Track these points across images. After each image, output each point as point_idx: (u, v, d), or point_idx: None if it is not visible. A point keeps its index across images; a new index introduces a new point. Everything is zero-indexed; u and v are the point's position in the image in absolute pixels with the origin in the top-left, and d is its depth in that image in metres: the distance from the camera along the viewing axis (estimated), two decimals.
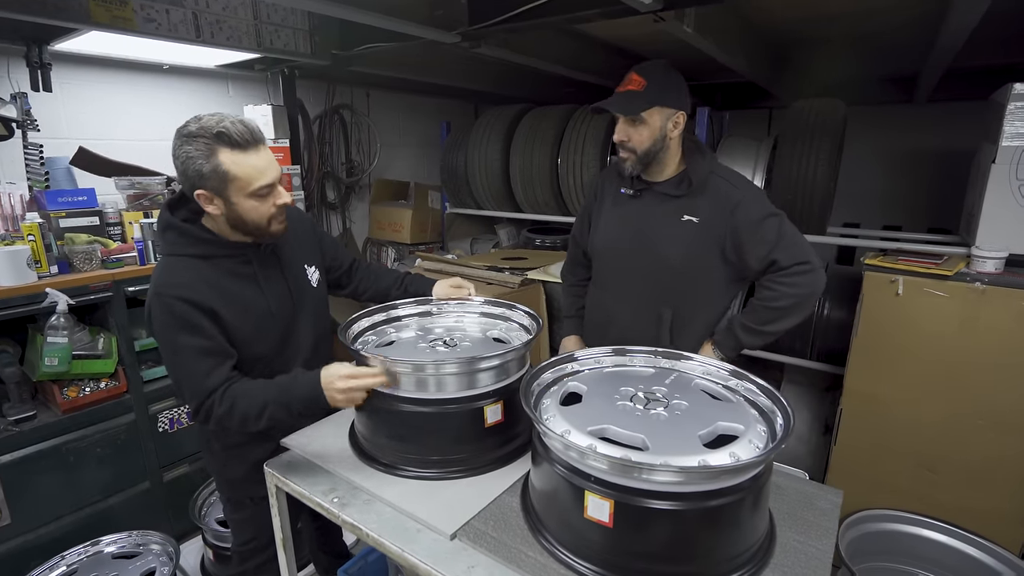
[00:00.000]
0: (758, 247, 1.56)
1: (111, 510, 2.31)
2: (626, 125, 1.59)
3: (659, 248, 1.65)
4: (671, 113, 1.56)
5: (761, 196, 1.62)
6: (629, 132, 1.58)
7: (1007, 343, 1.98)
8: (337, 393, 1.26)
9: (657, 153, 1.60)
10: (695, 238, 1.61)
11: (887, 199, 4.14)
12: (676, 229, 1.63)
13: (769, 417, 1.11)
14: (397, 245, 3.93)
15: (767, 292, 1.59)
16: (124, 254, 2.30)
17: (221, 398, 1.27)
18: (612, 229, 1.77)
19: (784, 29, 2.59)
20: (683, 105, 1.58)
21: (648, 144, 1.58)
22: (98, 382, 2.26)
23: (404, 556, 1.07)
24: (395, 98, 4.11)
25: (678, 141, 1.63)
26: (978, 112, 2.68)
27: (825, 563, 1.04)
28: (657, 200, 1.67)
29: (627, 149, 1.61)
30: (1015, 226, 2.13)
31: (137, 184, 2.50)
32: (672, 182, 1.65)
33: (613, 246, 1.76)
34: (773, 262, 1.56)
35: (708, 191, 1.60)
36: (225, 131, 1.24)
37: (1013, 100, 2.08)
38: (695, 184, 1.60)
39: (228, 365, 1.32)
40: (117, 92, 2.67)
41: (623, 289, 1.75)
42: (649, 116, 1.55)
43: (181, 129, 1.27)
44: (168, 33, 1.99)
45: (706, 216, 1.60)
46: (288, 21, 2.35)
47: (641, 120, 1.55)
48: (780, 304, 1.57)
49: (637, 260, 1.70)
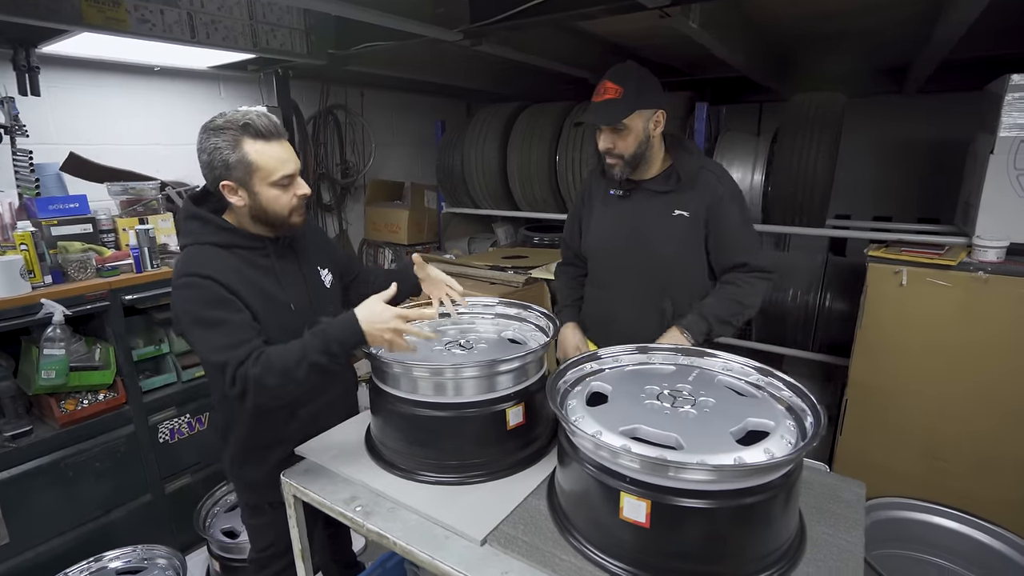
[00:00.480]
0: (731, 245, 1.65)
1: (113, 525, 2.25)
2: (610, 134, 1.61)
3: (654, 244, 1.69)
4: (651, 113, 1.59)
5: (740, 195, 1.69)
6: (614, 140, 1.61)
7: (1011, 331, 2.00)
8: (387, 332, 1.24)
9: (643, 154, 1.63)
10: (687, 231, 1.65)
11: (876, 190, 4.19)
12: (669, 224, 1.66)
13: (796, 412, 1.11)
14: (394, 246, 3.90)
15: (737, 288, 1.65)
16: (119, 262, 2.24)
17: (255, 361, 1.23)
18: (606, 229, 1.79)
19: (782, 25, 2.60)
20: (661, 103, 1.61)
21: (634, 148, 1.61)
22: (96, 394, 2.20)
23: (435, 564, 1.05)
24: (388, 97, 4.07)
25: (660, 138, 1.67)
26: (971, 103, 2.71)
27: (857, 555, 1.04)
28: (647, 197, 1.70)
29: (614, 156, 1.64)
30: (1014, 215, 2.16)
31: (130, 190, 2.44)
32: (660, 179, 1.68)
33: (608, 246, 1.79)
34: (744, 264, 1.65)
35: (697, 185, 1.64)
36: (251, 122, 1.28)
37: (1011, 91, 2.11)
38: (684, 179, 1.64)
39: (259, 339, 1.30)
40: (107, 95, 2.61)
41: (622, 287, 1.77)
42: (631, 121, 1.57)
43: (207, 124, 1.31)
44: (163, 34, 1.95)
45: (695, 209, 1.64)
46: (284, 20, 2.31)
47: (624, 127, 1.58)
48: (748, 302, 1.65)
49: (633, 257, 1.73)
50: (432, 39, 2.20)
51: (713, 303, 1.65)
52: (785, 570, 0.99)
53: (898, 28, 2.54)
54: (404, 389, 1.29)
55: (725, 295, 1.66)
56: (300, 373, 1.22)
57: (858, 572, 0.99)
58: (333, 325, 1.26)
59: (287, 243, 1.49)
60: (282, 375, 1.22)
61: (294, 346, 1.25)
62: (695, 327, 1.63)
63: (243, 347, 1.25)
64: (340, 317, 1.27)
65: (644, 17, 1.96)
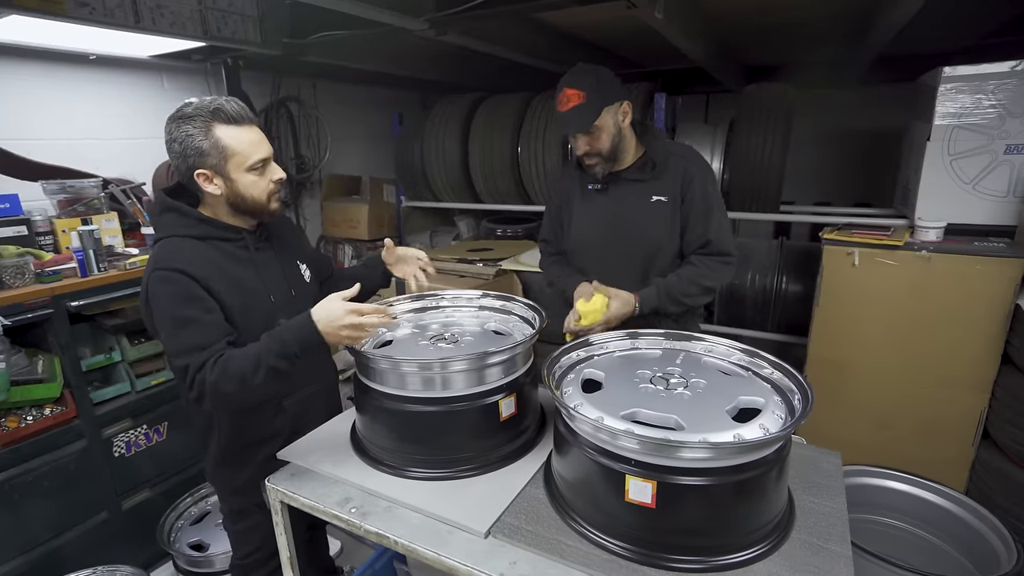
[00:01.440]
0: (698, 226, 1.68)
1: (67, 547, 2.10)
2: (584, 137, 1.63)
3: (637, 232, 1.72)
4: (617, 107, 1.62)
5: (711, 175, 1.72)
6: (589, 142, 1.64)
7: (949, 304, 2.17)
8: (343, 329, 1.20)
9: (619, 146, 1.67)
10: (666, 215, 1.69)
11: (818, 176, 4.43)
12: (649, 211, 1.70)
13: (781, 389, 1.16)
14: (354, 242, 3.79)
15: (696, 269, 1.69)
16: (62, 265, 2.08)
17: (212, 366, 1.21)
18: (587, 223, 1.81)
19: (730, 18, 2.69)
20: (622, 94, 1.63)
21: (610, 144, 1.64)
22: (41, 409, 2.04)
23: (441, 560, 1.04)
24: (342, 89, 3.94)
25: (630, 128, 1.70)
26: (901, 95, 2.90)
27: (843, 519, 1.10)
28: (625, 187, 1.72)
29: (593, 157, 1.67)
30: (949, 198, 2.33)
31: (69, 188, 2.26)
32: (635, 167, 1.71)
33: (591, 237, 1.81)
34: (707, 242, 1.68)
35: (669, 169, 1.69)
36: (221, 107, 1.28)
37: (944, 82, 2.27)
38: (658, 165, 1.68)
39: (224, 342, 1.26)
40: (35, 86, 2.40)
41: (609, 277, 1.76)
42: (601, 121, 1.59)
43: (174, 114, 1.28)
44: (104, 19, 1.80)
45: (671, 193, 1.68)
46: (235, 7, 2.18)
47: (596, 128, 1.60)
48: (706, 284, 1.68)
49: (616, 247, 1.76)
50: (394, 28, 2.14)
51: (672, 280, 1.69)
52: (780, 538, 1.04)
53: (833, 23, 2.67)
54: (393, 385, 1.26)
55: (683, 274, 1.69)
56: (258, 378, 1.20)
57: (845, 535, 1.06)
58: (290, 328, 1.23)
59: (265, 235, 1.47)
60: (239, 381, 1.20)
61: (251, 351, 1.22)
62: (647, 299, 1.67)
63: (207, 350, 1.22)
64: (296, 319, 1.24)
65: (609, 9, 1.98)
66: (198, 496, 2.43)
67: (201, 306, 1.27)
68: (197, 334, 1.24)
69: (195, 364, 1.21)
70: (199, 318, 1.26)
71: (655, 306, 1.67)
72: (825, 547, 1.03)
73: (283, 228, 1.58)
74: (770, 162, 2.61)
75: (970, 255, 2.13)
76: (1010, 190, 2.25)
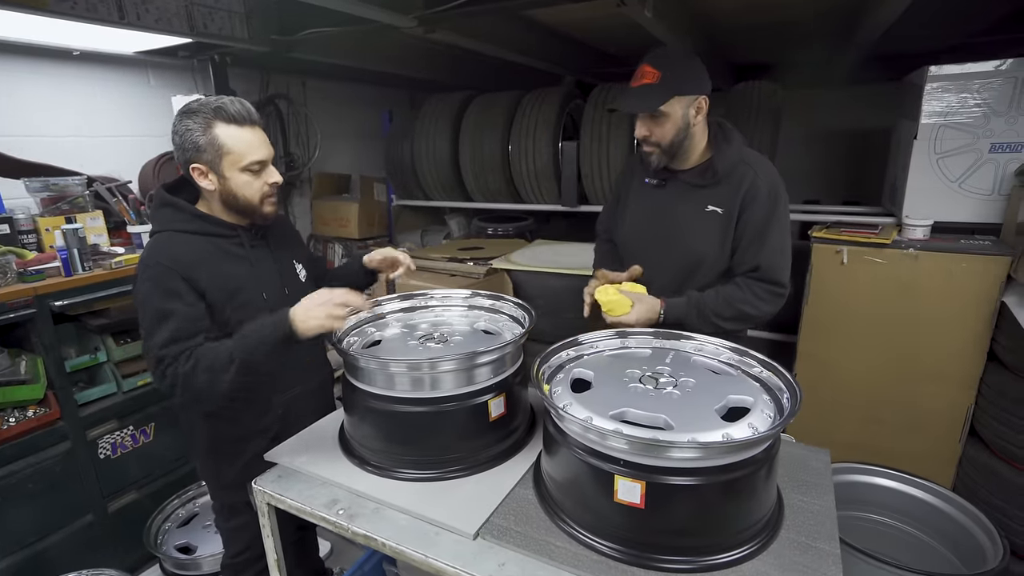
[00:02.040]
0: (751, 247, 1.52)
1: (51, 550, 2.07)
2: (646, 121, 1.51)
3: (685, 240, 1.59)
4: (692, 100, 1.48)
5: (781, 195, 1.54)
6: (650, 127, 1.51)
7: (938, 302, 2.19)
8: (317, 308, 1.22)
9: (682, 143, 1.53)
10: (719, 229, 1.55)
11: (806, 175, 4.45)
12: (700, 221, 1.56)
13: (770, 388, 1.16)
14: (344, 241, 3.77)
15: (738, 292, 1.54)
16: (45, 265, 2.05)
17: (186, 359, 1.24)
18: (637, 219, 1.71)
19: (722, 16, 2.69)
20: (703, 89, 1.50)
21: (672, 136, 1.50)
22: (24, 410, 2.01)
23: (429, 562, 1.03)
24: (331, 87, 3.91)
25: (703, 126, 1.56)
26: (888, 93, 2.92)
27: (831, 518, 1.11)
28: (681, 190, 1.60)
29: (651, 144, 1.54)
30: (936, 196, 2.35)
31: (52, 186, 2.23)
32: (697, 171, 1.58)
33: (638, 237, 1.70)
34: (756, 267, 1.52)
35: (733, 179, 1.53)
36: (223, 106, 1.31)
37: (930, 81, 2.28)
38: (721, 173, 1.53)
39: (201, 337, 1.29)
40: (18, 82, 2.36)
41: (648, 279, 1.65)
42: (669, 108, 1.46)
43: (182, 108, 1.33)
44: (86, 14, 1.77)
45: (728, 205, 1.53)
46: (222, 2, 2.16)
47: (661, 114, 1.47)
48: (744, 309, 1.52)
49: (662, 251, 1.64)
50: (384, 25, 2.12)
51: (708, 296, 1.54)
52: (769, 537, 1.04)
53: (821, 21, 2.68)
54: (381, 386, 1.25)
55: (722, 292, 1.54)
56: (230, 373, 1.22)
57: (833, 533, 1.06)
58: (264, 321, 1.25)
59: (261, 233, 1.49)
60: (210, 373, 1.23)
61: (224, 345, 1.25)
62: (673, 309, 1.54)
63: (181, 343, 1.26)
64: (275, 313, 1.26)
65: (598, 6, 1.98)
66: (185, 498, 2.41)
67: (180, 300, 1.30)
68: (174, 327, 1.27)
69: (170, 356, 1.24)
70: (177, 311, 1.28)
71: (681, 318, 1.53)
72: (814, 545, 1.03)
73: (282, 227, 1.60)
74: None
75: (956, 253, 2.15)
76: (995, 188, 2.27)
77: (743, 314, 1.53)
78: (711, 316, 1.53)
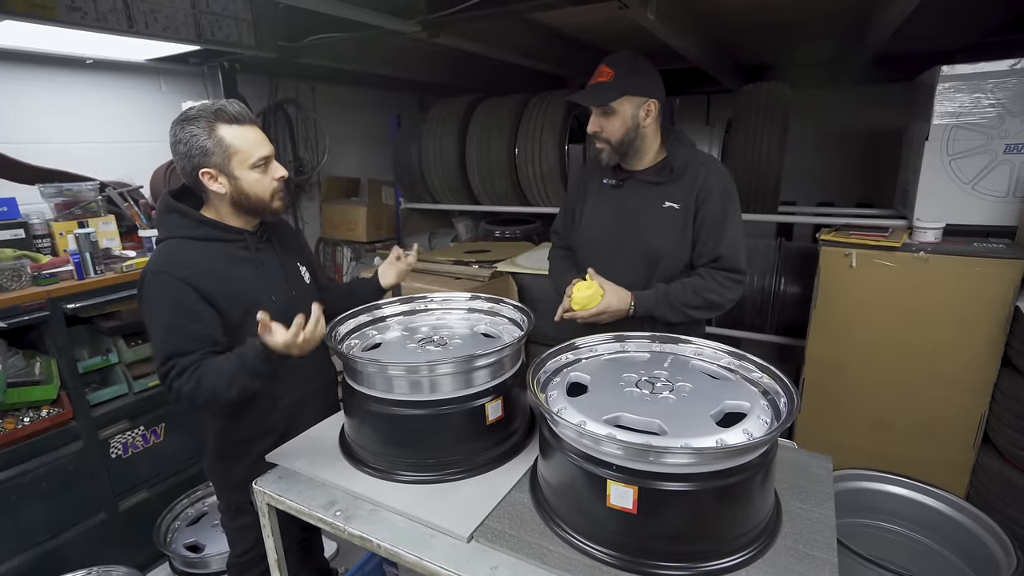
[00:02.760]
0: (710, 240, 1.62)
1: (64, 547, 2.11)
2: (599, 116, 1.61)
3: (644, 236, 1.67)
4: (641, 101, 1.58)
5: (732, 190, 1.65)
6: (602, 123, 1.61)
7: (949, 306, 2.15)
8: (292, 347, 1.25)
9: (632, 142, 1.62)
10: (676, 224, 1.64)
11: (819, 177, 4.39)
12: (658, 216, 1.65)
13: (769, 393, 1.15)
14: (353, 244, 3.80)
15: (702, 282, 1.62)
16: (58, 268, 2.09)
17: (189, 376, 1.29)
18: (596, 219, 1.78)
19: (729, 17, 2.68)
20: (653, 93, 1.60)
21: (621, 133, 1.60)
22: (38, 411, 2.06)
23: (423, 564, 1.04)
24: (339, 92, 3.95)
25: (654, 129, 1.65)
26: (902, 94, 2.87)
27: (830, 526, 1.09)
28: (639, 188, 1.69)
29: (601, 140, 1.64)
30: (948, 198, 2.31)
31: (66, 191, 2.29)
32: (653, 170, 1.68)
33: (598, 235, 1.77)
34: (718, 257, 1.62)
35: (687, 177, 1.63)
36: (223, 108, 1.34)
37: (942, 81, 2.24)
38: (676, 170, 1.63)
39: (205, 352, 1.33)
40: (34, 90, 2.42)
41: (611, 278, 1.69)
42: (619, 106, 1.57)
43: (178, 118, 1.34)
44: (96, 23, 1.81)
45: (684, 201, 1.63)
46: (229, 10, 2.19)
47: (612, 110, 1.57)
48: (711, 298, 1.61)
49: (622, 248, 1.71)
50: (388, 30, 2.14)
51: (675, 287, 1.63)
52: (765, 544, 1.03)
53: (836, 23, 2.65)
54: (381, 389, 1.26)
55: (688, 283, 1.64)
56: (230, 394, 1.28)
57: (832, 542, 1.04)
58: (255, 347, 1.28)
59: (266, 236, 1.52)
60: (211, 393, 1.28)
61: (225, 367, 1.28)
62: (643, 301, 1.61)
63: (186, 357, 1.30)
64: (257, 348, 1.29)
65: (601, 9, 1.97)
66: (195, 498, 2.45)
67: (189, 315, 1.32)
68: (180, 342, 1.30)
69: (176, 370, 1.28)
70: (185, 327, 1.31)
71: (651, 310, 1.61)
72: (811, 554, 1.01)
73: (283, 230, 1.63)
74: (767, 162, 2.60)
75: (969, 256, 2.11)
76: (1010, 190, 2.22)
77: (710, 302, 1.62)
78: (681, 306, 1.61)
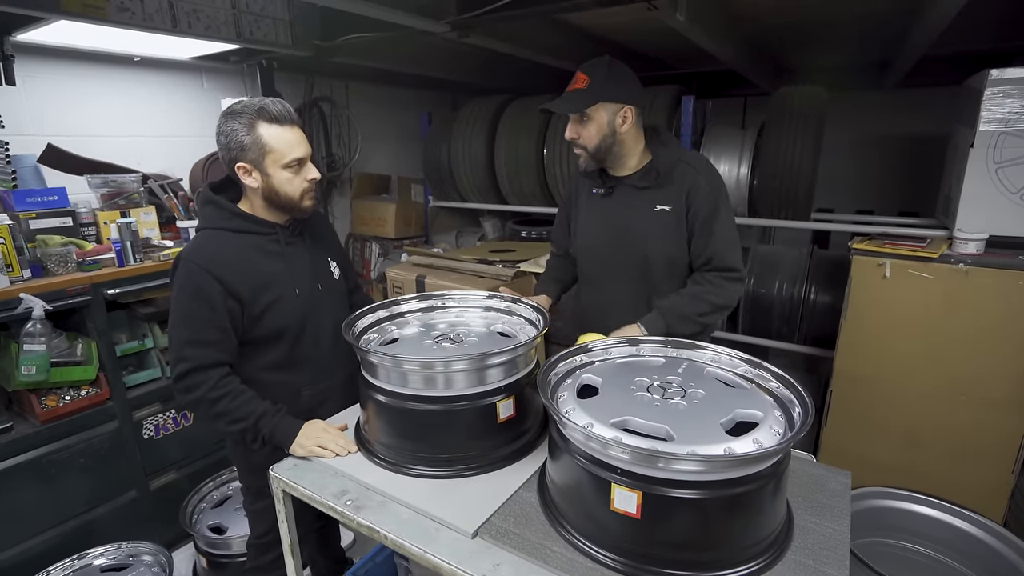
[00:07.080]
0: (701, 240, 1.61)
1: (96, 522, 2.22)
2: (575, 123, 1.60)
3: (638, 240, 1.67)
4: (617, 108, 1.56)
5: (720, 188, 1.64)
6: (578, 129, 1.60)
7: (989, 321, 2.05)
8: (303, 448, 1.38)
9: (610, 148, 1.60)
10: (670, 226, 1.63)
11: (858, 184, 4.24)
12: (651, 219, 1.65)
13: (785, 403, 1.12)
14: (381, 240, 3.87)
15: (700, 287, 1.62)
16: (101, 255, 2.20)
17: (216, 383, 1.38)
18: (591, 228, 1.78)
19: (765, 19, 2.62)
20: (630, 99, 1.57)
21: (597, 140, 1.59)
22: (78, 390, 2.17)
23: (427, 557, 1.05)
24: (373, 90, 4.02)
25: (633, 134, 1.62)
26: (950, 98, 2.75)
27: (844, 543, 1.06)
28: (628, 194, 1.68)
29: (578, 146, 1.64)
30: (993, 208, 2.20)
31: (111, 182, 2.40)
32: (639, 174, 1.66)
33: (594, 244, 1.78)
34: (709, 259, 1.62)
35: (675, 178, 1.62)
36: (266, 107, 1.39)
37: (990, 85, 2.14)
38: (663, 174, 1.62)
39: (228, 351, 1.42)
40: (85, 86, 2.55)
41: (612, 284, 1.76)
42: (594, 112, 1.55)
43: (226, 110, 1.41)
44: (143, 23, 1.90)
45: (675, 203, 1.62)
46: (267, 11, 2.27)
47: (588, 117, 1.56)
48: (714, 300, 1.60)
49: (619, 255, 1.72)
50: (418, 30, 2.17)
51: (675, 299, 1.62)
52: (773, 558, 1.00)
53: (878, 23, 2.56)
54: (395, 383, 1.28)
55: (689, 292, 1.63)
56: (232, 428, 1.39)
57: (844, 559, 1.01)
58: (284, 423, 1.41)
59: (298, 231, 1.56)
60: (214, 418, 1.39)
61: (243, 409, 1.38)
62: (652, 324, 1.59)
63: (210, 352, 1.38)
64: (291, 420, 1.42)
65: (631, 10, 1.96)
66: (220, 481, 2.53)
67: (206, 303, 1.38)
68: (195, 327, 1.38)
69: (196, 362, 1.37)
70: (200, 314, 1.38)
71: (663, 329, 1.58)
72: (821, 570, 0.99)
73: (319, 226, 1.67)
74: (800, 167, 2.52)
75: (1013, 269, 2.01)
76: None
77: (714, 305, 1.61)
78: (690, 315, 1.60)
